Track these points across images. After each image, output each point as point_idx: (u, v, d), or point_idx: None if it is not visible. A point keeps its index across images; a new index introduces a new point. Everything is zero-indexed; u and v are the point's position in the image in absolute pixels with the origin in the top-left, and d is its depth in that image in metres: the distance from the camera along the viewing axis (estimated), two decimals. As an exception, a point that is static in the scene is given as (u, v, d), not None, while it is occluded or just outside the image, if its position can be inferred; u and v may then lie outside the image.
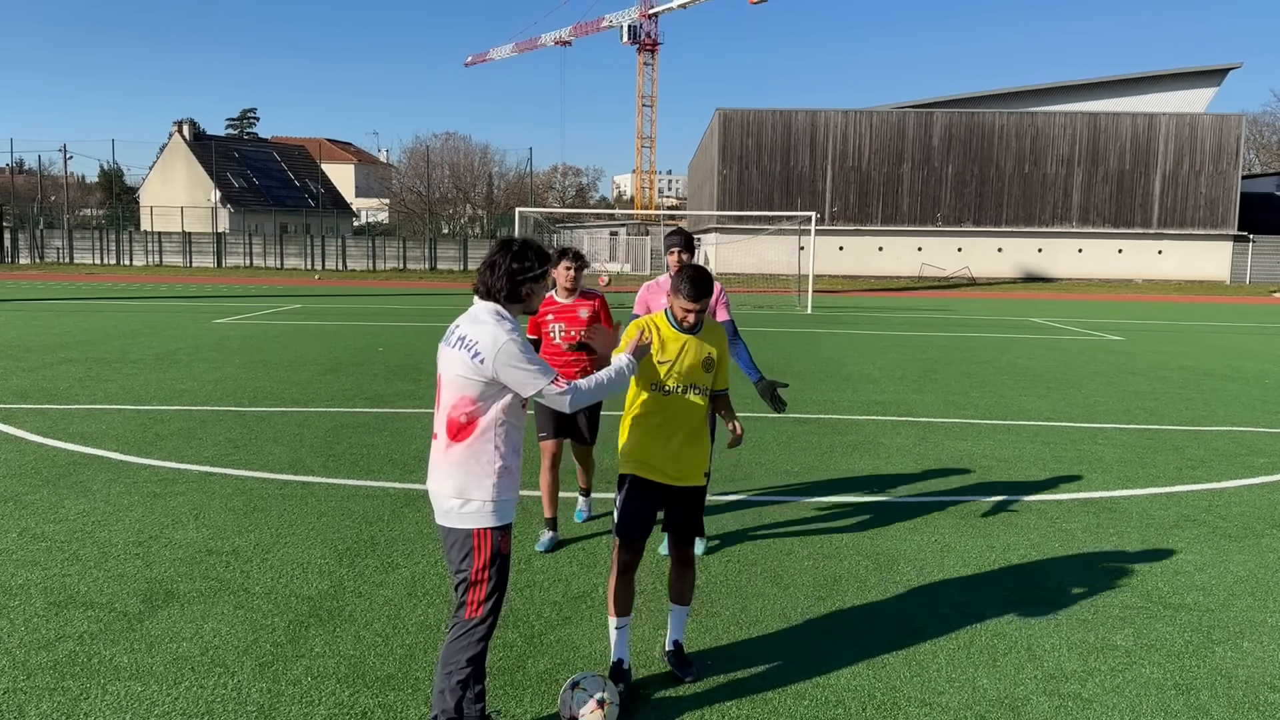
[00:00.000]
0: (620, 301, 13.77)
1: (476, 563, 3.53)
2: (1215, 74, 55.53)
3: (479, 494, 3.53)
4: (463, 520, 3.55)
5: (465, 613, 3.55)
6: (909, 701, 4.11)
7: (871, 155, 50.66)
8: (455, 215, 71.70)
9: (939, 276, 50.21)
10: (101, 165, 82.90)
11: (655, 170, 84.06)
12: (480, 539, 3.54)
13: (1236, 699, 4.18)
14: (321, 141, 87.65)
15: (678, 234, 5.61)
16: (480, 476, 3.54)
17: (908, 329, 22.70)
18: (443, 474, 3.58)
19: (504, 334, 3.51)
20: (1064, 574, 5.70)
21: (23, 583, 5.28)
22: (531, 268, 3.60)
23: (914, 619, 4.99)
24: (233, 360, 14.59)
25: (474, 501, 3.54)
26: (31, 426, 9.33)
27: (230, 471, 7.73)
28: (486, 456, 3.54)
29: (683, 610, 4.40)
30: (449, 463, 3.56)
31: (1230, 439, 9.73)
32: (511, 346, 3.50)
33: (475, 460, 3.54)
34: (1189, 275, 50.35)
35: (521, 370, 3.51)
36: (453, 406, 3.55)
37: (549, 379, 3.55)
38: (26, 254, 57.29)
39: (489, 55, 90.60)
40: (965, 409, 11.30)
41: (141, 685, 4.11)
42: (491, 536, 3.55)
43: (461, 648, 3.53)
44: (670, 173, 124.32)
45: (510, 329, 3.54)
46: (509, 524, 3.62)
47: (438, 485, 3.59)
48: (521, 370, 3.51)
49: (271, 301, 29.11)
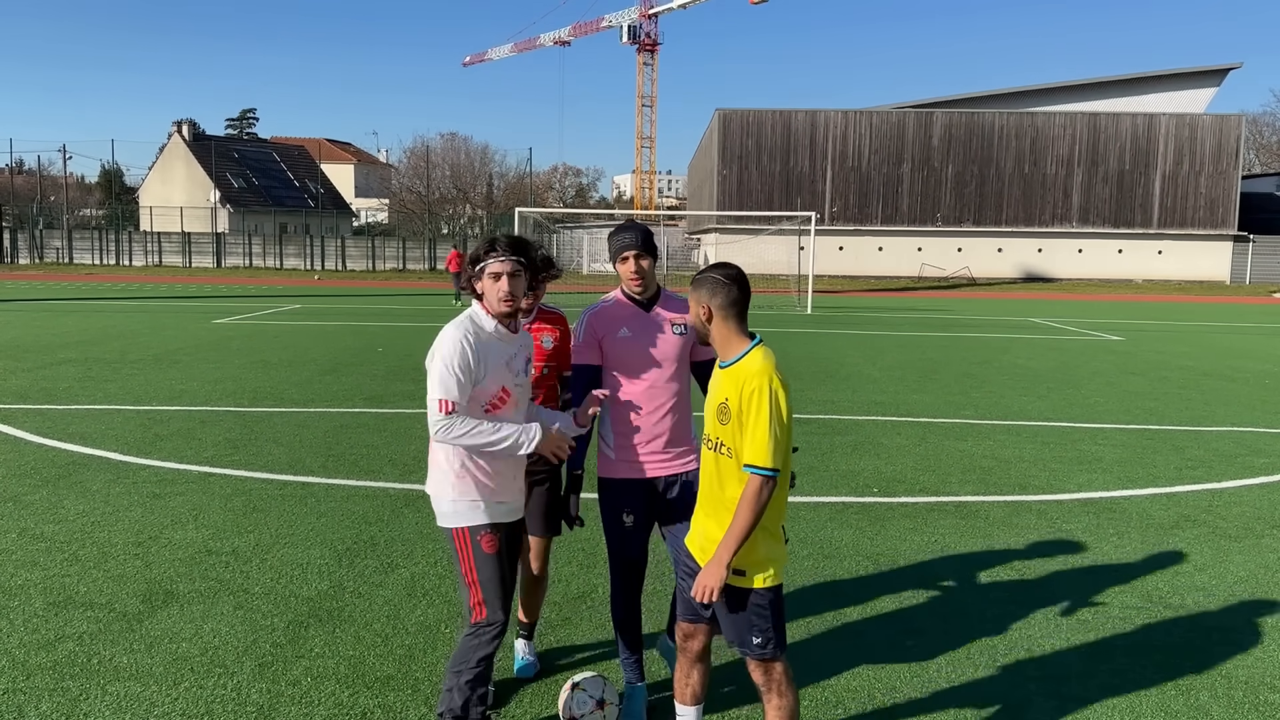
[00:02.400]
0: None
1: (462, 564, 3.50)
2: (1215, 74, 55.56)
3: (446, 493, 3.50)
4: (441, 520, 3.54)
5: (472, 615, 3.51)
6: (909, 702, 4.11)
7: (871, 155, 50.67)
8: (455, 215, 71.68)
9: (939, 277, 50.21)
10: (102, 164, 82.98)
11: (655, 170, 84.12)
12: (460, 540, 3.50)
13: (1236, 699, 4.18)
14: (321, 141, 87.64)
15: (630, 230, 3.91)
16: (444, 475, 3.51)
17: (908, 329, 22.70)
18: (429, 473, 3.62)
19: (451, 330, 3.39)
20: (1064, 574, 5.70)
21: (22, 583, 5.28)
22: (478, 257, 3.46)
23: (914, 619, 4.99)
24: (232, 360, 14.59)
25: (444, 500, 3.51)
26: (31, 427, 9.32)
27: (230, 472, 7.73)
28: (445, 455, 3.50)
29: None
30: (430, 462, 3.60)
31: (1230, 439, 9.73)
32: (445, 345, 3.36)
33: (442, 460, 3.51)
34: (1189, 275, 50.35)
35: (433, 374, 3.36)
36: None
37: (441, 396, 3.32)
38: (26, 254, 57.29)
39: (488, 55, 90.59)
40: (965, 409, 11.30)
41: (141, 686, 4.11)
42: (468, 537, 3.48)
43: (472, 647, 3.49)
44: (670, 173, 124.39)
45: (466, 330, 3.40)
46: (487, 525, 3.50)
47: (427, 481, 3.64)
48: (433, 374, 3.36)
49: (271, 302, 29.10)
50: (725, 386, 3.17)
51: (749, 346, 3.20)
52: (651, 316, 3.91)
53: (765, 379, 3.07)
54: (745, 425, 3.07)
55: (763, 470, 3.01)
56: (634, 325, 3.88)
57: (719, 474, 3.21)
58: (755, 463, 3.02)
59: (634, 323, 3.88)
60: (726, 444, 3.16)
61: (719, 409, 3.17)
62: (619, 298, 3.95)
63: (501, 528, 3.55)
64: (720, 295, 3.22)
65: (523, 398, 3.61)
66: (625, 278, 3.87)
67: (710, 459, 3.25)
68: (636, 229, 3.90)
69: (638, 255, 3.83)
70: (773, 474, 3.03)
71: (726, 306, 3.21)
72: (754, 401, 3.05)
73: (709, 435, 3.26)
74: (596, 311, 3.93)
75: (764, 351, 3.18)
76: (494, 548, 3.50)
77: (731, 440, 3.13)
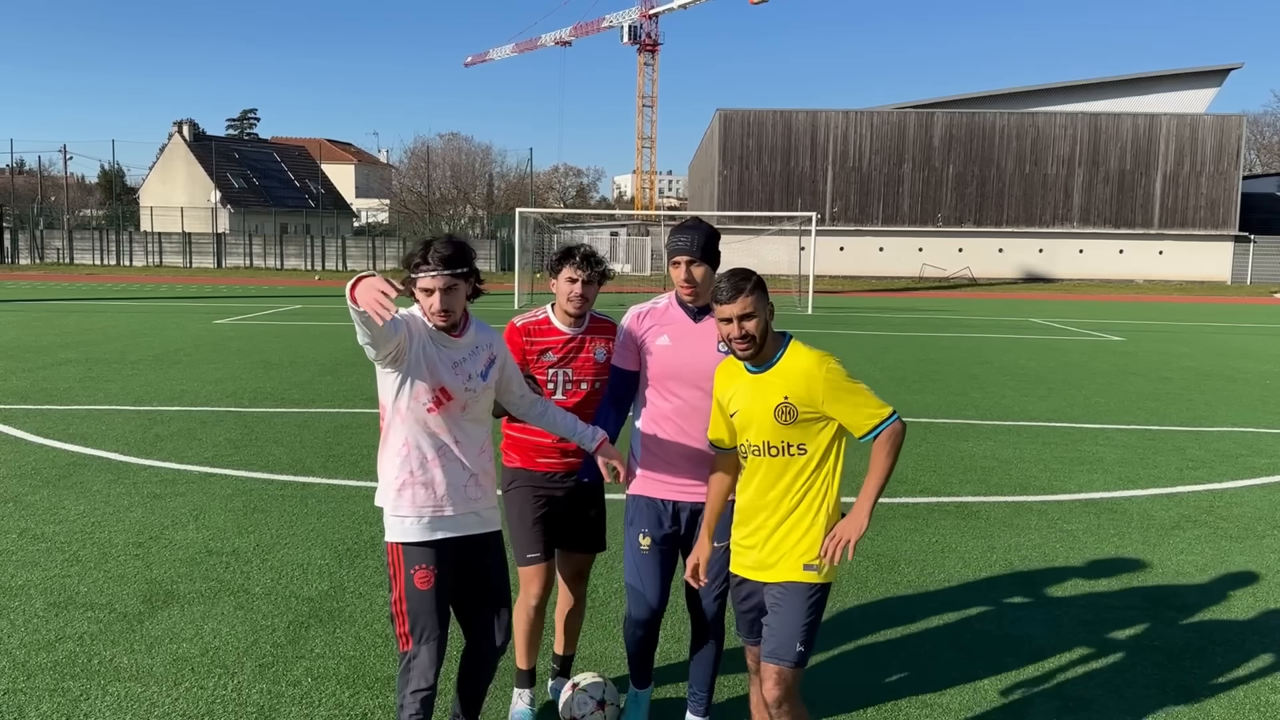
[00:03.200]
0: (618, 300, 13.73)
1: (393, 587, 3.18)
2: (1216, 74, 55.54)
3: (386, 503, 3.20)
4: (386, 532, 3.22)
5: (399, 645, 3.20)
6: (909, 702, 4.11)
7: (872, 155, 50.66)
8: (455, 216, 71.68)
9: (940, 277, 50.21)
10: (103, 165, 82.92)
11: (656, 170, 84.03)
12: (392, 557, 3.18)
13: (1238, 700, 4.17)
14: (321, 142, 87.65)
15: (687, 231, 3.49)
16: (386, 483, 3.20)
17: (908, 330, 22.70)
18: None
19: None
20: (1065, 575, 5.70)
21: (23, 583, 5.28)
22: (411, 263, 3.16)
23: (915, 619, 4.99)
24: (233, 361, 14.59)
25: (385, 510, 3.20)
26: (31, 427, 9.32)
27: (230, 472, 7.73)
28: (389, 463, 3.20)
29: None
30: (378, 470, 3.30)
31: (1231, 439, 9.72)
32: None
33: (385, 466, 3.22)
34: (1190, 276, 50.33)
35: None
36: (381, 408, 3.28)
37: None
38: (26, 254, 57.28)
39: (489, 55, 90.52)
40: (966, 409, 11.30)
41: (142, 686, 4.11)
42: (401, 559, 3.15)
43: (404, 682, 3.17)
44: (671, 173, 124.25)
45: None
46: (425, 545, 3.15)
47: None
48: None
49: (272, 302, 29.11)
50: (777, 387, 3.09)
51: (784, 343, 3.18)
52: (700, 328, 3.54)
53: (828, 358, 3.11)
54: (839, 402, 3.06)
55: (889, 419, 3.09)
56: (676, 334, 3.54)
57: (784, 477, 3.14)
58: (880, 418, 3.08)
59: (677, 331, 3.55)
60: (795, 442, 3.11)
61: (778, 410, 3.08)
62: (670, 300, 3.61)
63: (447, 549, 3.20)
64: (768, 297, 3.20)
65: (473, 404, 3.24)
66: (676, 284, 3.52)
67: (765, 465, 3.15)
68: (696, 230, 3.46)
69: (690, 263, 3.43)
70: (895, 414, 3.13)
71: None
72: (835, 382, 3.07)
73: (765, 441, 3.12)
74: (642, 313, 3.63)
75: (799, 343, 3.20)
76: (428, 583, 3.15)
77: (802, 436, 3.10)
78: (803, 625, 3.08)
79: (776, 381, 3.09)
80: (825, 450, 3.14)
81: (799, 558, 3.10)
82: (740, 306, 3.05)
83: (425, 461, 3.17)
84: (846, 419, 3.09)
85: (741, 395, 3.16)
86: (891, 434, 3.09)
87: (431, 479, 3.17)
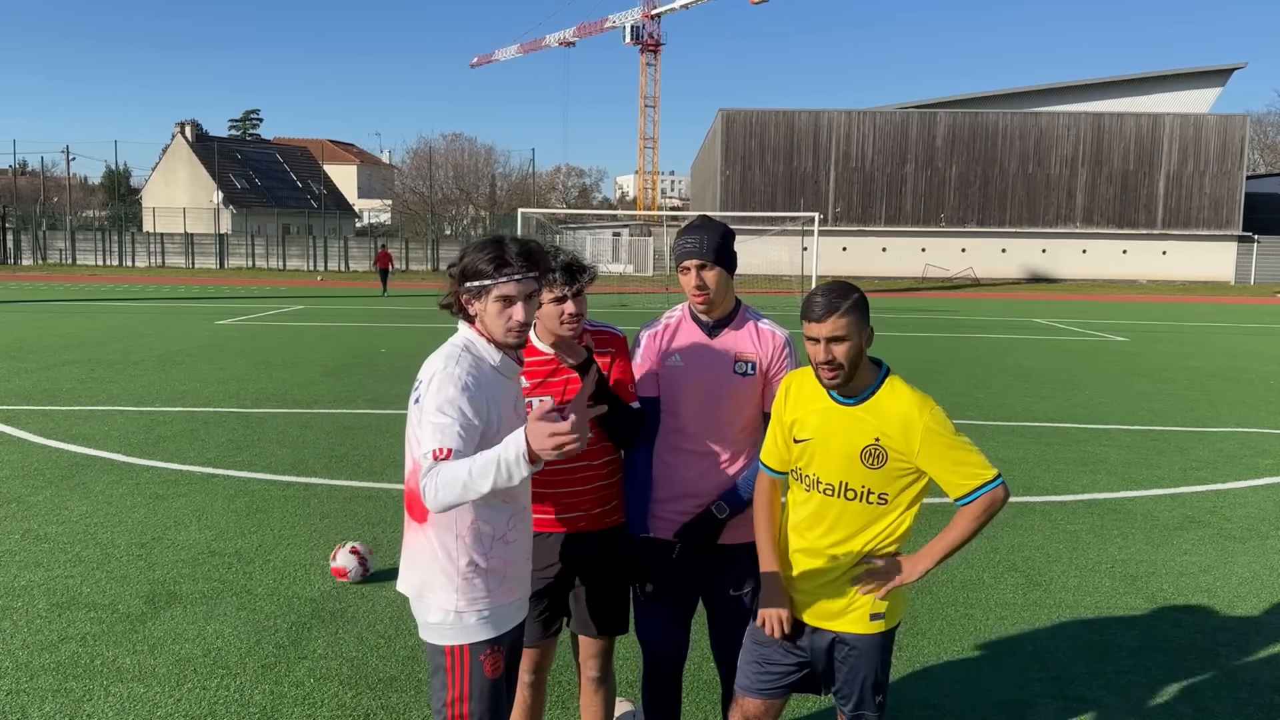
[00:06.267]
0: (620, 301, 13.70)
1: (450, 688, 2.58)
2: (1219, 74, 55.47)
3: (442, 599, 2.55)
4: (427, 631, 2.62)
5: None
6: (912, 703, 4.10)
7: (875, 156, 50.65)
8: (458, 216, 71.70)
9: (943, 277, 50.17)
10: (108, 165, 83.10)
11: (658, 171, 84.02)
12: (454, 660, 2.57)
13: (1241, 701, 4.16)
14: (324, 142, 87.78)
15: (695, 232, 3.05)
16: (442, 572, 2.55)
17: (911, 330, 22.68)
18: (404, 561, 2.66)
19: (444, 363, 2.48)
20: (1068, 575, 5.69)
21: (25, 584, 5.28)
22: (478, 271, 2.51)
23: (917, 620, 4.98)
24: (235, 361, 14.60)
25: (435, 609, 2.57)
26: (34, 428, 9.33)
27: (233, 473, 7.73)
28: (440, 541, 2.54)
29: None
30: (408, 549, 2.64)
31: (1235, 440, 9.70)
32: (441, 383, 2.42)
33: (437, 548, 2.55)
34: (1193, 276, 50.28)
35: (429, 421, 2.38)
36: (409, 474, 2.55)
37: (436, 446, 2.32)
38: (29, 255, 57.42)
39: (495, 56, 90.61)
40: (969, 410, 11.28)
41: (144, 686, 4.11)
42: (467, 657, 2.57)
43: None
44: (673, 173, 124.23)
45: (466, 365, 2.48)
46: (493, 639, 2.60)
47: (400, 575, 2.68)
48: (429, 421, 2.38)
49: (274, 302, 29.13)
50: (869, 426, 2.67)
51: (881, 375, 2.73)
52: (712, 345, 3.10)
53: (930, 404, 2.69)
54: (938, 459, 2.64)
55: (992, 483, 2.65)
56: (688, 354, 3.11)
57: (869, 528, 2.76)
58: (982, 480, 2.64)
59: (689, 350, 3.12)
60: (877, 490, 2.70)
61: (866, 453, 2.67)
62: (684, 313, 3.17)
63: (508, 636, 2.67)
64: (869, 319, 2.68)
65: None
66: (687, 293, 3.05)
67: (840, 509, 2.75)
68: (706, 230, 3.00)
69: (700, 267, 2.98)
70: (1000, 479, 2.68)
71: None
72: (937, 434, 2.64)
73: (842, 482, 2.72)
74: (656, 332, 3.18)
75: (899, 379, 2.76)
76: (497, 670, 2.61)
77: (885, 484, 2.70)
78: (877, 677, 2.84)
79: (868, 420, 2.67)
80: (908, 505, 2.77)
81: (868, 607, 2.80)
82: (831, 327, 2.59)
83: (495, 538, 2.58)
84: (942, 477, 2.66)
85: (819, 423, 2.74)
86: (989, 501, 2.65)
87: (501, 562, 2.60)
